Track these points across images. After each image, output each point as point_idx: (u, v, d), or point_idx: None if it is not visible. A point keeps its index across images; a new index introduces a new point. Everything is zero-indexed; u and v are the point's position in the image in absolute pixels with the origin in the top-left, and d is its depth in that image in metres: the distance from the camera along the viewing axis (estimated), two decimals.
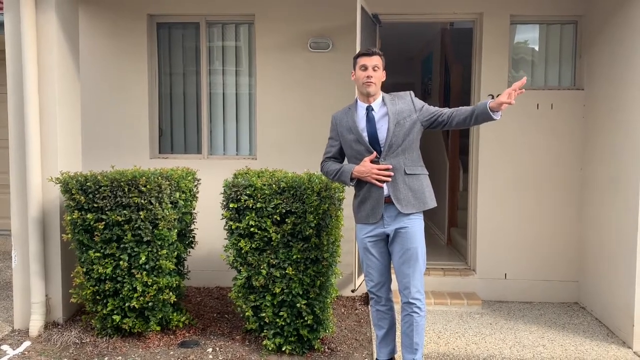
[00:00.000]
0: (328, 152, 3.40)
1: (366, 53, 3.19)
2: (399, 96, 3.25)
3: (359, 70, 3.19)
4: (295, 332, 3.72)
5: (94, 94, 5.11)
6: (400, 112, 3.16)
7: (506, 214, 4.96)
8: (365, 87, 3.16)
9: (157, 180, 3.71)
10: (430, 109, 3.20)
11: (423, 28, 6.89)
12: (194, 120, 5.30)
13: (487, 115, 2.94)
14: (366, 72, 3.15)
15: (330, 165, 3.34)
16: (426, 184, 3.23)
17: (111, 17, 5.07)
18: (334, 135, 3.36)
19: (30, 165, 4.00)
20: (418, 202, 3.16)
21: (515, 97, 2.89)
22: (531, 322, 4.46)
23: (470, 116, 3.02)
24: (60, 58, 4.11)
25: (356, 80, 3.23)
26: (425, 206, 3.18)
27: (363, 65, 3.16)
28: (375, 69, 3.16)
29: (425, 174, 3.26)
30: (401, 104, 3.19)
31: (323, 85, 4.96)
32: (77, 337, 3.95)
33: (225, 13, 5.05)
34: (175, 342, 3.92)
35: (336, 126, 3.34)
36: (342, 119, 3.30)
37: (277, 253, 3.62)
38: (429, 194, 3.22)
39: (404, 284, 3.19)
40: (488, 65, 4.87)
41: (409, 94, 3.26)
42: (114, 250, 3.73)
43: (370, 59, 3.16)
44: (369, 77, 3.14)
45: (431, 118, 3.16)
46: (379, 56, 3.19)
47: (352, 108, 3.29)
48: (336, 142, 3.35)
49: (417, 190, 3.17)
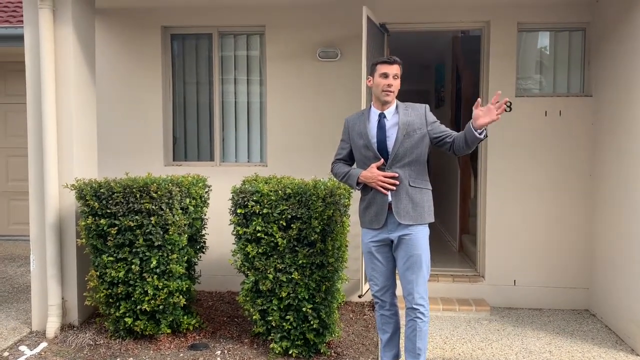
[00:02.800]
0: (339, 154, 3.47)
1: (387, 61, 3.21)
2: (413, 107, 3.27)
3: (378, 78, 3.21)
4: (301, 335, 3.78)
5: (110, 103, 5.27)
6: (411, 123, 3.19)
7: (515, 220, 4.97)
8: (384, 95, 3.20)
9: (167, 187, 3.83)
10: (440, 128, 3.21)
11: (435, 36, 6.94)
12: (206, 128, 5.43)
13: (473, 135, 2.94)
14: (387, 80, 3.18)
15: (339, 167, 3.42)
16: (427, 198, 3.25)
17: (126, 29, 5.23)
18: (346, 138, 3.43)
19: (47, 173, 4.15)
20: (416, 215, 3.18)
21: (499, 113, 2.90)
22: (539, 329, 4.46)
23: (464, 140, 3.02)
24: (77, 69, 4.27)
25: (375, 87, 3.25)
26: (422, 220, 3.20)
27: (384, 73, 3.19)
28: (395, 77, 3.20)
29: (428, 189, 3.28)
30: (413, 116, 3.22)
31: (331, 94, 5.05)
32: (91, 339, 4.07)
33: (237, 24, 5.18)
34: (185, 345, 4.01)
35: (348, 129, 3.40)
36: (355, 123, 3.35)
37: (283, 258, 3.70)
38: (429, 209, 3.25)
39: (407, 289, 3.24)
40: (496, 72, 4.91)
41: (424, 107, 3.27)
42: (126, 254, 3.85)
43: (391, 67, 3.19)
44: (390, 86, 3.17)
45: (439, 136, 3.18)
46: (398, 65, 3.23)
47: (365, 113, 3.34)
48: (347, 144, 3.42)
49: (418, 204, 3.19)
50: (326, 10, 5.00)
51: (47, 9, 4.07)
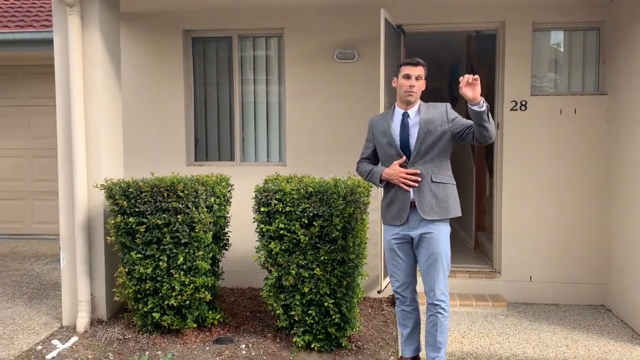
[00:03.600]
0: (364, 153, 3.59)
1: (411, 63, 3.31)
2: (434, 106, 3.37)
3: (402, 79, 3.32)
4: (323, 330, 3.90)
5: (134, 105, 5.43)
6: (432, 120, 3.29)
7: (531, 217, 5.05)
8: (407, 95, 3.31)
9: (193, 186, 3.96)
10: (461, 121, 3.28)
11: (450, 36, 7.01)
12: (227, 129, 5.57)
13: (473, 112, 2.98)
14: (409, 82, 3.29)
15: (364, 166, 3.54)
16: (451, 193, 3.33)
17: (150, 33, 5.39)
18: (370, 137, 3.54)
19: (76, 173, 4.30)
20: (441, 210, 3.27)
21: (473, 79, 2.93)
22: (555, 324, 4.54)
23: (475, 124, 3.07)
24: (104, 72, 4.41)
25: (398, 87, 3.36)
26: (447, 214, 3.29)
27: (407, 75, 3.30)
28: (417, 79, 3.30)
29: (452, 184, 3.36)
30: (434, 113, 3.31)
31: (349, 94, 5.16)
32: (120, 333, 4.22)
33: (256, 27, 5.31)
34: (210, 339, 4.15)
35: (372, 129, 3.51)
36: (379, 123, 3.47)
37: (305, 254, 3.82)
38: (453, 203, 3.32)
39: (429, 286, 3.34)
40: (511, 71, 4.98)
41: (445, 105, 3.36)
42: (154, 251, 4.00)
43: (414, 69, 3.29)
44: (412, 87, 3.28)
45: (461, 130, 3.24)
46: (422, 67, 3.32)
47: (389, 113, 3.45)
48: (371, 144, 3.53)
49: (441, 199, 3.28)
50: (344, 12, 5.10)
51: (76, 15, 4.22)
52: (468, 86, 2.95)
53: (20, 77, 7.62)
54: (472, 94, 2.95)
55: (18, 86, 7.64)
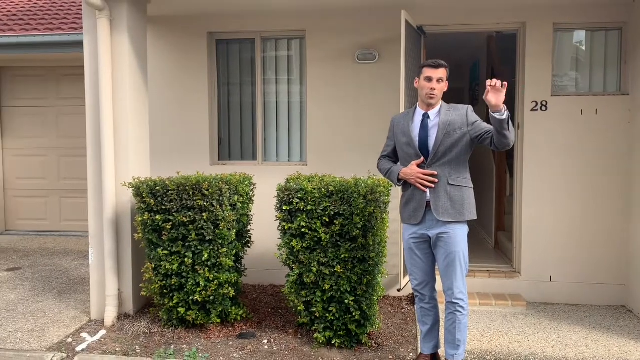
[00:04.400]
0: (384, 151, 3.66)
1: (432, 65, 3.34)
2: (455, 108, 3.39)
3: (423, 81, 3.36)
4: (344, 326, 3.97)
5: (161, 105, 5.57)
6: (452, 123, 3.31)
7: (551, 216, 5.06)
8: (428, 98, 3.35)
9: (218, 185, 4.07)
10: (481, 125, 3.28)
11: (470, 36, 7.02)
12: (249, 129, 5.68)
13: (494, 119, 2.99)
14: (430, 84, 3.33)
15: (384, 163, 3.61)
16: (467, 196, 3.35)
17: (176, 35, 5.52)
18: (391, 135, 3.61)
19: (105, 172, 4.44)
20: (455, 213, 3.31)
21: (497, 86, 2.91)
22: (575, 323, 4.55)
23: (494, 130, 3.07)
24: (132, 75, 4.55)
25: (420, 89, 3.41)
26: (461, 217, 3.31)
27: (428, 77, 3.34)
28: (439, 81, 3.34)
29: (469, 187, 3.38)
30: (454, 116, 3.34)
31: (369, 95, 5.23)
32: (146, 327, 4.35)
33: (279, 29, 5.40)
34: (234, 334, 4.26)
35: (394, 127, 3.57)
36: (400, 122, 3.52)
37: (326, 252, 3.90)
38: (469, 206, 3.35)
39: (447, 285, 3.39)
40: (531, 72, 5.00)
41: (466, 107, 3.37)
42: (180, 248, 4.12)
43: (436, 71, 3.33)
44: (433, 89, 3.32)
45: (480, 134, 3.25)
46: (444, 69, 3.35)
47: (411, 113, 3.50)
48: (392, 142, 3.60)
49: (457, 201, 3.32)
50: (365, 14, 5.17)
51: (105, 18, 4.36)
52: (494, 92, 2.94)
53: (50, 78, 7.85)
54: (496, 101, 2.94)
55: (48, 87, 7.86)
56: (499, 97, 2.94)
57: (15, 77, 7.95)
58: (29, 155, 7.99)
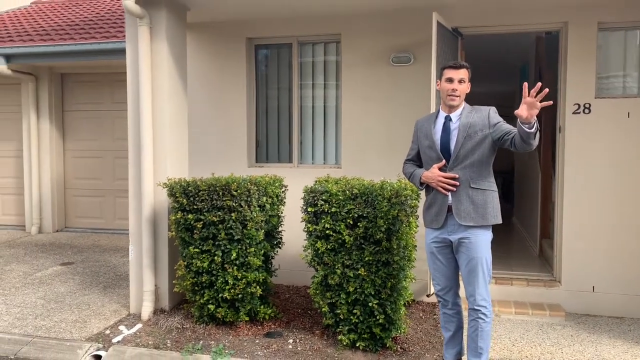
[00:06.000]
0: (409, 154, 3.63)
1: (453, 66, 3.30)
2: (477, 110, 3.32)
3: (444, 82, 3.31)
4: (368, 329, 3.97)
5: (201, 109, 5.77)
6: (473, 125, 3.25)
7: (594, 224, 4.84)
8: (449, 100, 3.30)
9: (246, 186, 4.17)
10: (502, 127, 3.19)
11: (517, 38, 6.83)
12: (286, 132, 5.77)
13: (522, 130, 2.88)
14: (451, 85, 3.27)
15: (407, 167, 3.58)
16: (490, 199, 3.27)
17: (214, 41, 5.70)
18: (415, 139, 3.57)
19: (144, 173, 4.65)
20: (478, 216, 3.23)
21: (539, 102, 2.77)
22: (616, 337, 4.33)
23: (519, 136, 2.96)
24: (170, 80, 4.74)
25: (441, 91, 3.36)
26: (484, 221, 3.24)
27: (449, 78, 3.29)
28: (460, 82, 3.28)
29: (493, 190, 3.29)
30: (476, 118, 3.27)
31: (404, 98, 5.19)
32: (179, 323, 4.52)
33: (315, 33, 5.47)
34: (261, 332, 4.34)
35: (417, 131, 3.53)
36: (423, 125, 3.48)
37: (350, 254, 3.91)
38: (492, 210, 3.26)
39: (469, 291, 3.33)
40: (574, 73, 4.81)
41: (488, 109, 3.30)
42: (210, 246, 4.25)
43: (457, 72, 3.28)
44: (454, 91, 3.27)
45: (501, 135, 3.17)
46: (466, 69, 3.29)
47: (434, 116, 3.46)
48: (416, 145, 3.56)
49: (479, 205, 3.24)
50: (399, 16, 5.15)
51: (145, 26, 4.57)
52: (529, 107, 2.80)
53: (105, 83, 8.28)
54: (527, 114, 2.82)
55: (104, 92, 8.29)
56: (531, 112, 2.81)
57: (75, 83, 8.44)
58: (86, 157, 8.45)
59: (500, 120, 3.27)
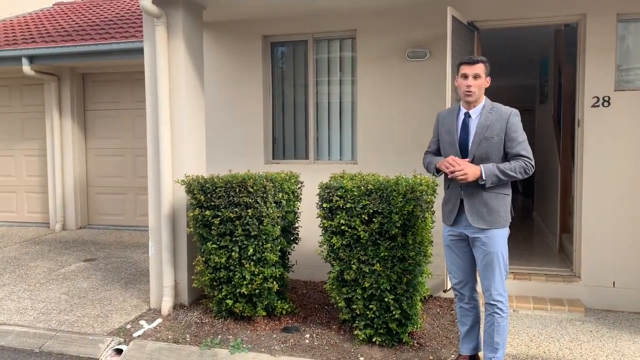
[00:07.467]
0: (429, 147, 3.62)
1: (468, 62, 3.25)
2: (498, 111, 3.24)
3: (460, 78, 3.28)
4: (384, 325, 3.98)
5: (218, 106, 5.83)
6: (490, 127, 3.20)
7: (614, 218, 4.77)
8: (465, 96, 3.27)
9: (262, 182, 4.22)
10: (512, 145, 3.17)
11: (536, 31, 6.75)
12: (302, 128, 5.80)
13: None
14: (466, 81, 3.23)
15: (427, 158, 3.57)
16: (503, 203, 3.25)
17: (231, 39, 5.75)
18: (436, 132, 3.55)
19: (163, 170, 4.72)
20: (491, 220, 3.22)
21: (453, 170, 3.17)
22: (637, 333, 4.27)
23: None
24: (187, 79, 4.80)
25: (458, 88, 3.32)
26: (497, 225, 3.22)
27: (464, 74, 3.24)
28: (476, 77, 3.22)
29: (506, 194, 3.27)
30: (495, 119, 3.21)
31: (420, 93, 5.18)
32: (198, 318, 4.59)
33: (330, 30, 5.48)
34: (279, 327, 4.38)
35: (438, 124, 3.51)
36: (445, 119, 3.45)
37: (365, 250, 3.92)
38: (504, 214, 3.25)
39: (485, 286, 3.32)
40: (592, 66, 4.74)
41: (509, 113, 3.21)
42: (227, 242, 4.30)
43: (472, 68, 3.22)
44: (469, 87, 3.22)
45: (507, 151, 3.20)
46: (482, 64, 3.24)
47: (455, 110, 3.42)
48: (436, 138, 3.54)
49: (493, 209, 3.22)
50: (415, 11, 5.13)
51: (162, 25, 4.63)
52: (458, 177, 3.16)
53: (125, 82, 8.41)
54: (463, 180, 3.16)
55: (124, 91, 8.43)
56: (465, 178, 3.16)
57: (95, 83, 8.59)
58: (108, 155, 8.60)
59: (517, 132, 3.19)
